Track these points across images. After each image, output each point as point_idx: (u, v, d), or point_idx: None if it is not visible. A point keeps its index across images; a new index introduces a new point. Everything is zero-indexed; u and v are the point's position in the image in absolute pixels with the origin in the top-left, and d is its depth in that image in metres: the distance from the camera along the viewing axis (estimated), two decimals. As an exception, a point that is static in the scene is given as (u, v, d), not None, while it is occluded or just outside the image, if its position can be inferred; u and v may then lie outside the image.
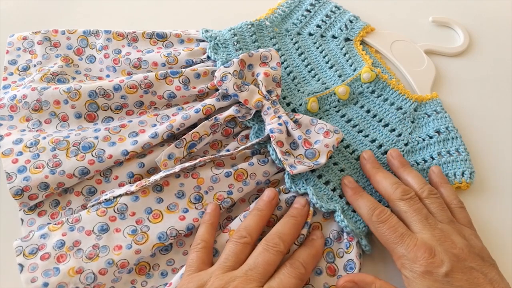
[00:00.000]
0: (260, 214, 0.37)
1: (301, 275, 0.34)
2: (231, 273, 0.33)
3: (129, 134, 0.41)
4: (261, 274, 0.33)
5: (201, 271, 0.34)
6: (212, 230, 0.37)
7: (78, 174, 0.39)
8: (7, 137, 0.41)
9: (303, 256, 0.35)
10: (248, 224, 0.37)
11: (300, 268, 0.34)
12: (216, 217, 0.38)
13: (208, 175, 0.40)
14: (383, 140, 0.45)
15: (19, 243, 0.36)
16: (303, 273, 0.34)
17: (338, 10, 0.55)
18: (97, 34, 0.49)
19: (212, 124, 0.42)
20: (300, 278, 0.34)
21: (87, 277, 0.34)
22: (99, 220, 0.37)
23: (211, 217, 0.38)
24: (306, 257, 0.35)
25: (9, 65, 0.47)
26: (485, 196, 0.44)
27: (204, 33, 0.49)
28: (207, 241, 0.36)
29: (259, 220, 0.37)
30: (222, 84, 0.43)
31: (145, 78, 0.44)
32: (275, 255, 0.34)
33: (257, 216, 0.37)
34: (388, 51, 0.53)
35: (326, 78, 0.50)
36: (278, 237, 0.35)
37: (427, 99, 0.48)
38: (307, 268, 0.35)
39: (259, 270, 0.33)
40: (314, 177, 0.42)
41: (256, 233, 0.36)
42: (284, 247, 0.35)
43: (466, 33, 0.56)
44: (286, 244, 0.35)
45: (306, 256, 0.35)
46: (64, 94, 0.42)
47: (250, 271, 0.33)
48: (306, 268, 0.34)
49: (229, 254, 0.34)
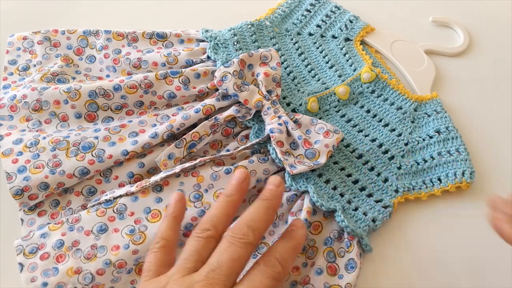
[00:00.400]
0: (228, 200, 0.31)
1: (277, 274, 0.28)
2: (190, 276, 0.27)
3: (129, 134, 0.41)
4: (226, 275, 0.27)
5: (160, 275, 0.29)
6: (175, 225, 0.32)
7: (78, 174, 0.39)
8: (7, 137, 0.41)
9: (281, 250, 0.29)
10: (212, 213, 0.30)
11: (275, 266, 0.28)
12: (181, 209, 0.33)
13: (208, 173, 0.40)
14: (383, 139, 0.45)
15: (20, 242, 0.36)
16: (279, 272, 0.28)
17: (338, 10, 0.55)
18: (97, 34, 0.49)
19: (212, 124, 0.42)
20: (276, 278, 0.28)
21: (85, 277, 0.34)
22: (98, 220, 0.37)
23: (174, 209, 0.32)
24: (284, 251, 0.29)
25: (9, 65, 0.47)
26: (485, 196, 0.43)
27: (204, 33, 0.49)
28: (168, 238, 0.31)
29: (226, 208, 0.30)
30: (222, 84, 0.43)
31: (145, 78, 0.44)
32: (243, 248, 0.28)
33: (224, 204, 0.30)
34: (388, 51, 0.53)
35: (326, 78, 0.49)
36: (247, 226, 0.29)
37: (427, 99, 0.48)
38: (284, 266, 0.29)
39: (223, 270, 0.27)
40: (315, 176, 0.42)
41: (223, 224, 0.30)
42: (254, 238, 0.29)
43: (466, 33, 0.56)
44: (257, 233, 0.29)
45: (284, 251, 0.29)
46: (64, 94, 0.42)
47: (212, 272, 0.27)
48: (283, 265, 0.29)
49: (189, 252, 0.29)
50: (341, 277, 0.36)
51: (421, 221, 0.42)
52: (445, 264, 0.39)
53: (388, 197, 0.42)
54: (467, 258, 0.40)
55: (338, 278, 0.36)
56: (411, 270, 0.39)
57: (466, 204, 0.43)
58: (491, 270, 0.39)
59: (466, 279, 0.39)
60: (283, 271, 0.29)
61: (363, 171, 0.43)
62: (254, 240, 0.29)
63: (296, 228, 0.31)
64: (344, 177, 0.42)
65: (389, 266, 0.39)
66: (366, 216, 0.40)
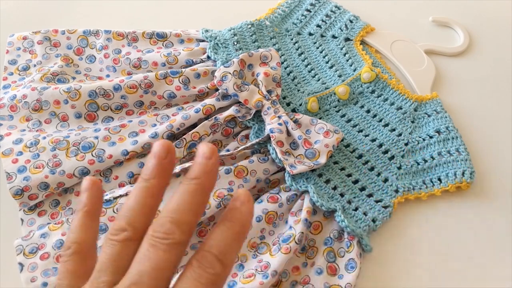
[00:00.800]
0: (147, 186, 0.23)
1: (216, 277, 0.21)
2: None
3: (129, 134, 0.41)
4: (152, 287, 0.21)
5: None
6: (89, 221, 0.25)
7: (78, 174, 0.39)
8: (7, 137, 0.41)
9: (219, 242, 0.22)
10: (127, 207, 0.23)
11: (214, 266, 0.21)
12: (95, 200, 0.25)
13: (208, 173, 0.40)
14: (383, 139, 0.45)
15: (20, 242, 0.36)
16: (218, 273, 0.21)
17: (338, 10, 0.55)
18: (97, 34, 0.49)
19: (212, 124, 0.42)
20: (215, 282, 0.21)
21: None
22: (99, 220, 0.37)
23: (87, 202, 0.25)
24: (223, 243, 0.22)
25: (9, 65, 0.47)
26: (485, 196, 0.44)
27: (204, 33, 0.49)
28: (80, 241, 0.24)
29: (145, 198, 0.23)
30: (222, 84, 0.43)
31: (145, 78, 0.44)
32: (169, 251, 0.21)
33: (142, 192, 0.23)
34: (388, 51, 0.53)
35: (326, 78, 0.49)
36: (170, 221, 0.22)
37: (427, 99, 0.48)
38: (225, 262, 0.22)
39: (146, 283, 0.21)
40: (315, 176, 0.42)
41: (143, 219, 0.23)
42: (182, 234, 0.22)
43: (466, 33, 0.56)
44: (185, 227, 0.22)
45: (223, 241, 0.22)
46: (64, 94, 0.42)
47: (133, 286, 0.21)
48: (224, 262, 0.22)
49: (104, 262, 0.22)
50: (341, 277, 0.36)
51: (421, 221, 0.42)
52: (445, 264, 0.39)
53: (388, 197, 0.42)
54: (467, 258, 0.40)
55: (338, 278, 0.36)
56: (411, 270, 0.39)
57: (466, 204, 0.43)
58: (491, 270, 0.39)
59: (466, 279, 0.39)
60: (224, 270, 0.22)
61: (363, 171, 0.43)
62: (182, 238, 0.22)
63: (238, 203, 0.23)
64: (344, 177, 0.42)
65: (389, 266, 0.39)
66: (366, 216, 0.40)
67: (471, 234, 0.41)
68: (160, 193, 0.24)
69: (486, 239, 0.41)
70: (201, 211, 0.23)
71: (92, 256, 0.24)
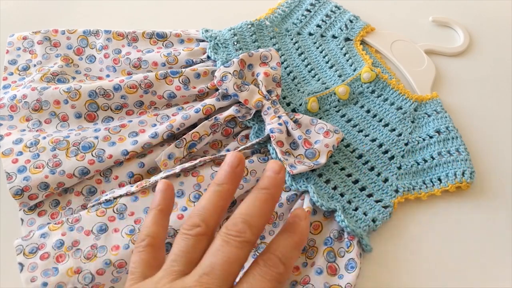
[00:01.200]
0: (220, 190, 0.27)
1: (279, 276, 0.25)
2: (181, 280, 0.24)
3: (129, 134, 0.41)
4: (221, 279, 0.24)
5: (146, 278, 0.25)
6: (162, 219, 0.28)
7: (78, 174, 0.39)
8: (7, 137, 0.41)
9: (282, 247, 0.26)
10: (201, 206, 0.26)
11: (277, 266, 0.25)
12: (168, 201, 0.29)
13: (208, 172, 0.40)
14: (383, 139, 0.45)
15: (20, 242, 0.36)
16: (281, 273, 0.25)
17: (338, 10, 0.55)
18: (97, 34, 0.49)
19: (212, 124, 0.42)
20: (278, 280, 0.25)
21: (85, 277, 0.34)
22: (98, 220, 0.37)
23: (160, 201, 0.28)
24: (286, 248, 0.26)
25: (9, 65, 0.47)
26: (485, 196, 0.44)
27: (204, 33, 0.49)
28: (154, 235, 0.27)
29: (218, 200, 0.27)
30: (222, 84, 0.43)
31: (145, 78, 0.44)
32: (240, 248, 0.24)
33: (215, 194, 0.27)
34: (388, 51, 0.53)
35: (326, 78, 0.49)
36: (243, 222, 0.25)
37: (427, 99, 0.48)
38: (287, 264, 0.25)
39: (218, 273, 0.24)
40: (315, 176, 0.42)
41: (214, 219, 0.26)
42: (251, 235, 0.25)
43: (466, 33, 0.56)
44: (255, 230, 0.25)
45: (286, 248, 0.26)
46: (64, 94, 0.42)
47: (205, 276, 0.23)
48: (286, 264, 0.25)
49: (177, 253, 0.25)
50: (341, 277, 0.36)
51: (421, 221, 0.42)
52: (445, 264, 0.39)
53: (388, 197, 0.42)
54: (467, 258, 0.40)
55: (338, 278, 0.36)
56: (411, 270, 0.39)
57: (466, 204, 0.43)
58: (491, 270, 0.39)
59: (466, 279, 0.39)
60: (286, 271, 0.25)
61: (363, 171, 0.43)
62: (252, 238, 0.25)
63: (298, 219, 0.27)
64: (344, 177, 0.42)
65: (389, 266, 0.39)
66: (366, 216, 0.40)
67: (471, 234, 0.41)
68: (230, 196, 0.27)
69: (486, 239, 0.41)
70: (268, 217, 0.27)
71: (162, 250, 0.28)
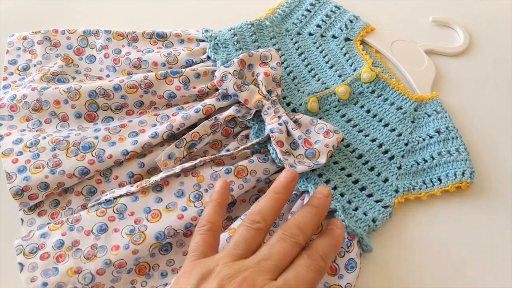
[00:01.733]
0: (277, 197, 0.33)
1: (320, 268, 0.30)
2: (241, 262, 0.29)
3: (129, 134, 0.41)
4: (276, 265, 0.29)
5: (206, 257, 0.30)
6: (220, 210, 0.33)
7: (78, 174, 0.39)
8: (7, 137, 0.41)
9: (322, 247, 0.31)
10: (262, 207, 0.32)
11: (319, 260, 0.30)
12: (225, 196, 0.34)
13: (208, 172, 0.40)
14: (383, 139, 0.45)
15: (20, 242, 0.36)
16: (322, 267, 0.30)
17: (338, 10, 0.55)
18: (97, 34, 0.49)
19: (212, 124, 0.42)
20: (319, 272, 0.30)
21: (85, 277, 0.34)
22: (98, 220, 0.37)
23: (219, 196, 0.34)
24: (326, 248, 0.31)
25: (9, 65, 0.47)
26: (485, 196, 0.44)
27: (204, 33, 0.49)
28: (214, 222, 0.32)
29: (275, 204, 0.32)
30: (222, 84, 0.43)
31: (145, 78, 0.44)
32: (293, 246, 0.30)
33: (273, 199, 0.32)
34: (388, 51, 0.53)
35: (326, 78, 0.49)
36: (297, 227, 0.31)
37: (427, 99, 0.48)
38: (326, 261, 0.31)
39: (274, 261, 0.29)
40: (315, 176, 0.42)
41: (271, 219, 0.32)
42: (303, 239, 0.31)
43: (466, 33, 0.56)
44: (305, 236, 0.31)
45: (325, 247, 0.31)
46: (64, 94, 0.42)
47: (263, 261, 0.29)
48: (325, 260, 0.31)
49: (239, 240, 0.30)
50: (341, 277, 0.36)
51: (421, 221, 0.42)
52: (445, 264, 0.39)
53: (388, 197, 0.42)
54: (467, 258, 0.40)
55: (338, 278, 0.36)
56: (411, 270, 0.39)
57: (466, 204, 0.43)
58: (491, 270, 0.39)
59: (466, 279, 0.39)
60: (325, 265, 0.31)
61: (363, 171, 0.43)
62: (302, 241, 0.31)
63: (335, 227, 0.33)
64: (344, 177, 0.42)
65: (389, 266, 0.39)
66: (366, 216, 0.40)
67: (471, 234, 0.41)
68: (283, 204, 0.33)
69: (486, 239, 0.41)
70: (315, 230, 0.33)
71: (219, 236, 0.33)
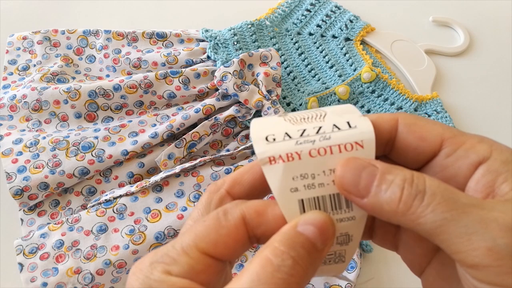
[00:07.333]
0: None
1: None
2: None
3: (129, 134, 0.41)
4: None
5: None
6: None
7: (78, 174, 0.39)
8: (7, 137, 0.41)
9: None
10: None
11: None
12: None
13: (208, 173, 0.40)
14: (383, 140, 0.45)
15: (20, 242, 0.36)
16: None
17: (338, 9, 0.55)
18: (97, 34, 0.49)
19: (212, 124, 0.42)
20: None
21: (85, 277, 0.34)
22: (98, 220, 0.37)
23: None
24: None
25: (9, 65, 0.47)
26: (485, 196, 0.44)
27: (204, 33, 0.49)
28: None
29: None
30: (222, 84, 0.43)
31: (145, 78, 0.44)
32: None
33: None
34: (388, 51, 0.53)
35: (326, 78, 0.49)
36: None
37: (428, 99, 0.48)
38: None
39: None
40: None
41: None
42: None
43: (466, 33, 0.56)
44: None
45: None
46: (64, 94, 0.42)
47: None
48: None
49: None
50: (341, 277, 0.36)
51: (421, 221, 0.42)
52: (445, 264, 0.39)
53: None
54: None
55: (338, 278, 0.36)
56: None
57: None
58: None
59: (466, 279, 0.39)
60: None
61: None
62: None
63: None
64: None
65: (389, 266, 0.39)
66: (366, 216, 0.40)
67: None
68: None
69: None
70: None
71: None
